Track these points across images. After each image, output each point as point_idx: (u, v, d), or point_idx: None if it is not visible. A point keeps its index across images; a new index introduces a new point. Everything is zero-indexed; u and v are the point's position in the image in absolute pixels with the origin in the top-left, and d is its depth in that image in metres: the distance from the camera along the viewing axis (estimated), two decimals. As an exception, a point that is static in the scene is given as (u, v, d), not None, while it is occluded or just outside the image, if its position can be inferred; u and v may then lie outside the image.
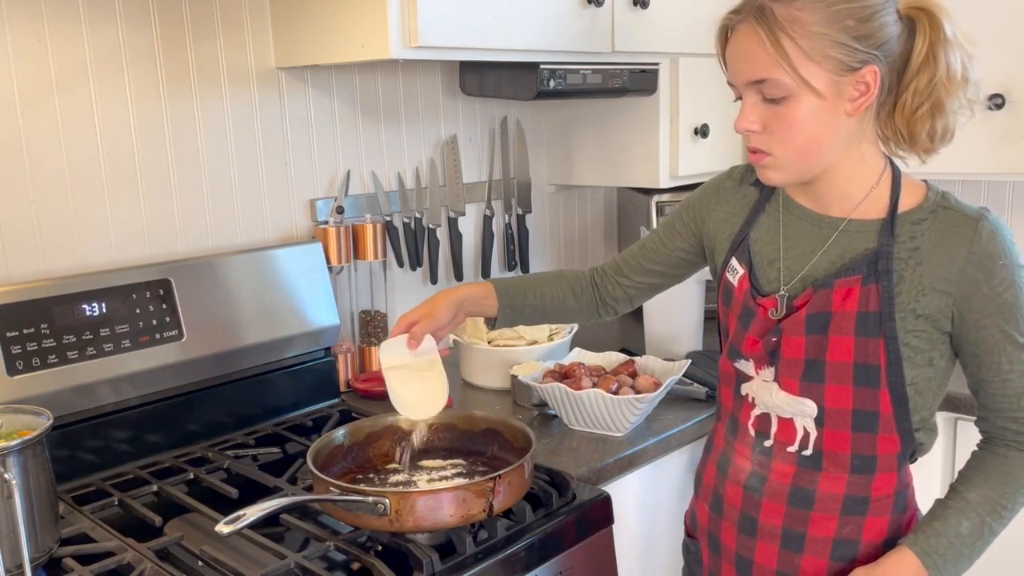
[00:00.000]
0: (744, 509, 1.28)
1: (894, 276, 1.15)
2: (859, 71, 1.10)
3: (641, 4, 1.92)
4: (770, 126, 1.14)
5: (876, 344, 1.15)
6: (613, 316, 1.53)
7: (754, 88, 1.14)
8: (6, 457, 1.13)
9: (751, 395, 1.28)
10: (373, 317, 1.99)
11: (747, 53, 1.13)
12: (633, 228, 2.50)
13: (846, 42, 1.08)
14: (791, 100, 1.12)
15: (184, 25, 1.67)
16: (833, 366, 1.18)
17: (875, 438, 1.19)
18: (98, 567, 1.20)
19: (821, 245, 1.22)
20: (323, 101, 1.90)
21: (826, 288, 1.18)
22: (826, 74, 1.10)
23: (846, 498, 1.22)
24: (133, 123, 1.62)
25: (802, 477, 1.23)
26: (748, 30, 1.13)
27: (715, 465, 1.34)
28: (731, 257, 1.31)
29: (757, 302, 1.25)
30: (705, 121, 2.15)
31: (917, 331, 1.15)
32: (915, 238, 1.15)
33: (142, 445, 1.57)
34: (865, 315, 1.15)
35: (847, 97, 1.12)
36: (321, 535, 1.27)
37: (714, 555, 1.35)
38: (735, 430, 1.31)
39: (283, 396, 1.77)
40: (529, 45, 1.73)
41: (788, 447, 1.24)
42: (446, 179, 2.15)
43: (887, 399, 1.17)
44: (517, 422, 1.41)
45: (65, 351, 1.46)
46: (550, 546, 1.32)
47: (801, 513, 1.23)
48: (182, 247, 1.71)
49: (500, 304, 1.44)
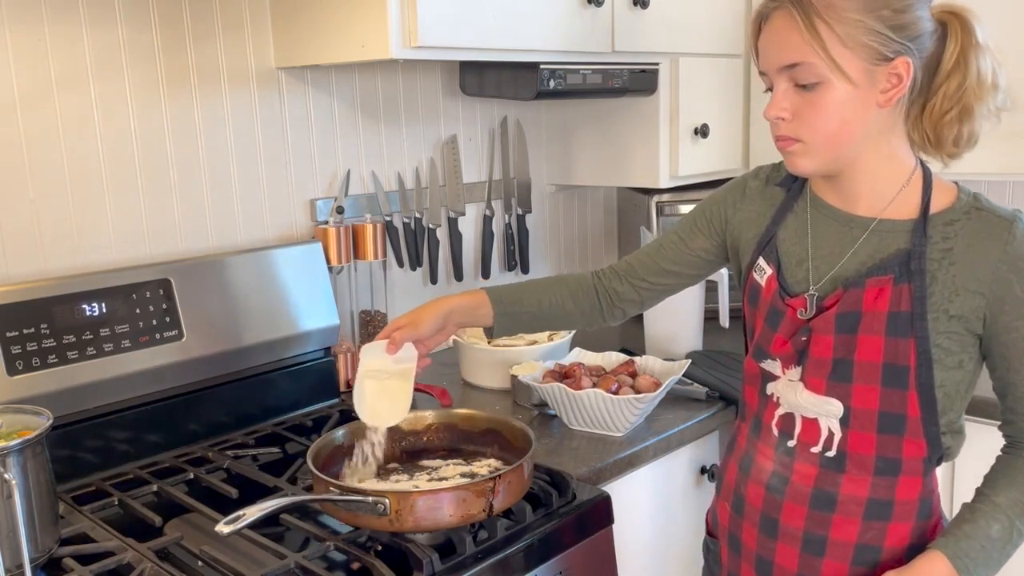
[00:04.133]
0: (765, 510, 1.27)
1: (927, 276, 1.14)
2: (892, 61, 1.10)
3: (641, 4, 1.92)
4: (800, 113, 1.14)
5: (907, 344, 1.15)
6: (620, 320, 1.49)
7: (786, 75, 1.14)
8: (6, 457, 1.13)
9: (776, 395, 1.26)
10: (373, 317, 1.99)
11: (782, 38, 1.14)
12: (633, 228, 2.50)
13: (881, 30, 1.09)
14: (823, 86, 1.12)
15: (184, 25, 1.67)
16: (862, 366, 1.17)
17: (901, 441, 1.18)
18: (98, 567, 1.19)
19: (851, 245, 1.21)
20: (323, 101, 1.91)
21: (857, 287, 1.17)
22: (860, 62, 1.10)
23: (869, 501, 1.20)
24: (133, 123, 1.62)
25: (824, 479, 1.22)
26: (784, 15, 1.13)
27: (737, 465, 1.33)
28: (758, 257, 1.30)
29: (786, 302, 1.24)
30: (705, 121, 2.15)
31: (949, 332, 1.14)
32: (948, 239, 1.15)
33: (142, 445, 1.57)
34: (896, 315, 1.15)
35: (879, 87, 1.12)
36: (321, 535, 1.27)
37: (734, 555, 1.33)
38: (758, 430, 1.30)
39: (283, 396, 1.77)
40: (529, 45, 1.73)
41: (811, 448, 1.23)
42: (446, 179, 2.15)
43: (915, 401, 1.16)
44: (517, 422, 1.41)
45: (65, 351, 1.46)
46: (550, 546, 1.32)
47: (823, 516, 1.22)
48: (182, 247, 1.71)
49: (495, 312, 1.41)
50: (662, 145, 2.12)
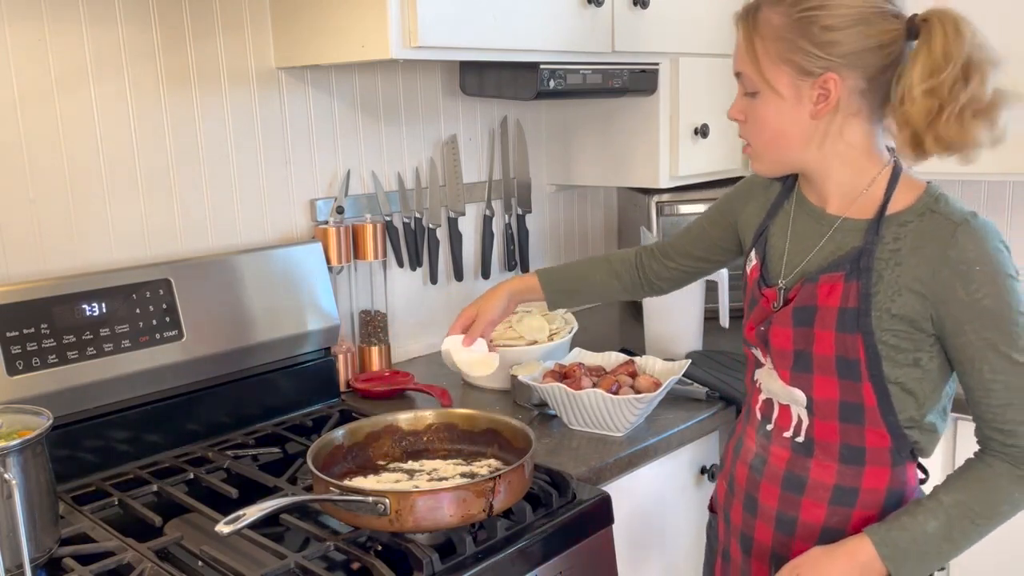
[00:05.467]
0: (748, 489, 1.34)
1: (873, 275, 1.17)
2: (820, 77, 1.16)
3: (641, 4, 1.92)
4: (747, 119, 1.26)
5: (855, 339, 1.18)
6: (659, 295, 1.64)
7: (739, 81, 1.25)
8: (6, 457, 1.13)
9: (760, 381, 1.33)
10: (373, 317, 1.99)
11: (736, 49, 1.25)
12: (633, 228, 2.50)
13: (807, 48, 1.15)
14: (760, 96, 1.21)
15: (184, 25, 1.67)
16: (819, 358, 1.22)
17: (863, 430, 1.22)
18: (98, 567, 1.20)
19: (819, 241, 1.26)
20: (323, 101, 1.90)
21: (812, 283, 1.22)
22: (786, 77, 1.18)
23: (835, 488, 1.24)
24: (133, 123, 1.62)
25: (795, 463, 1.28)
26: (739, 28, 1.24)
27: (732, 445, 1.40)
28: (752, 249, 1.37)
29: (762, 291, 1.31)
30: (705, 121, 2.15)
31: (894, 330, 1.17)
32: (898, 239, 1.17)
33: (142, 445, 1.57)
34: (844, 311, 1.19)
35: (808, 100, 1.18)
36: (321, 535, 1.27)
37: (727, 530, 1.39)
38: (748, 413, 1.38)
39: (283, 396, 1.77)
40: (529, 45, 1.73)
41: (784, 432, 1.29)
42: (446, 179, 2.15)
43: (870, 391, 1.19)
44: (517, 422, 1.41)
45: (65, 351, 1.46)
46: (550, 546, 1.32)
47: (793, 498, 1.27)
48: (182, 247, 1.71)
49: (545, 291, 1.61)
50: (662, 145, 2.12)
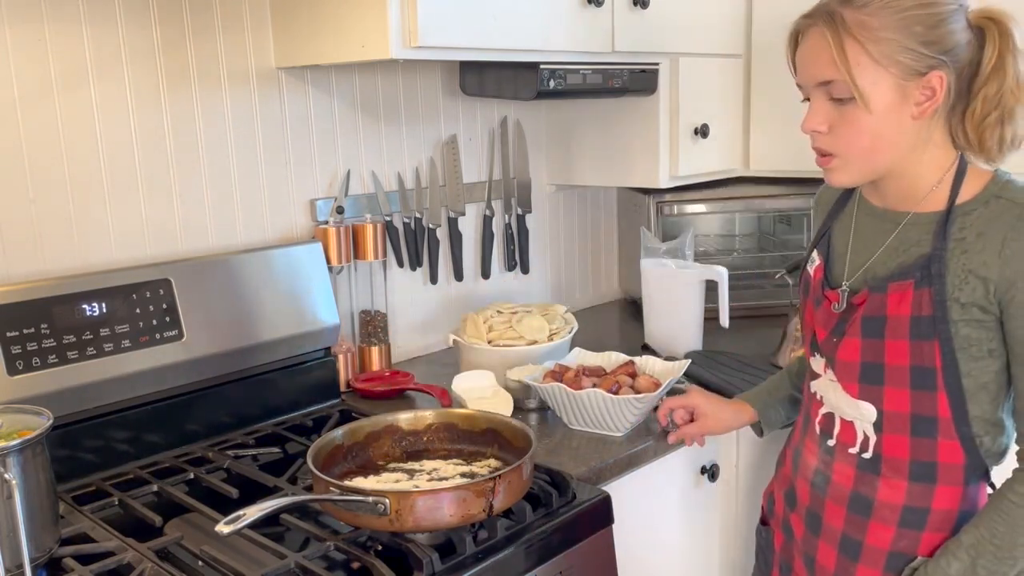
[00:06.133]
0: (811, 506, 1.31)
1: (945, 276, 1.15)
2: (926, 76, 1.12)
3: (641, 4, 1.92)
4: (836, 127, 1.18)
5: (931, 346, 1.16)
6: None
7: (822, 89, 1.17)
8: (6, 457, 1.13)
9: (819, 393, 1.30)
10: (373, 317, 1.99)
11: (816, 56, 1.17)
12: (633, 228, 2.50)
13: (914, 47, 1.11)
14: (855, 101, 1.14)
15: (184, 25, 1.67)
16: (892, 369, 1.19)
17: (935, 444, 1.18)
18: (98, 567, 1.20)
19: (885, 239, 1.24)
20: (323, 101, 1.90)
21: (881, 292, 1.20)
22: (892, 78, 1.12)
23: (905, 508, 1.21)
24: (133, 123, 1.62)
25: (862, 481, 1.24)
26: (817, 34, 1.16)
27: (791, 456, 1.38)
28: (813, 250, 1.35)
29: (824, 293, 1.28)
30: (705, 121, 2.15)
31: (966, 320, 1.15)
32: (963, 229, 1.16)
33: (142, 445, 1.57)
34: (918, 319, 1.16)
35: (913, 101, 1.14)
36: (321, 535, 1.27)
37: (788, 543, 1.37)
38: (807, 425, 1.35)
39: (283, 396, 1.77)
40: (529, 45, 1.73)
41: (849, 448, 1.25)
42: (446, 179, 2.15)
43: (944, 402, 1.17)
44: (517, 422, 1.41)
45: (65, 351, 1.46)
46: (550, 546, 1.32)
47: (860, 520, 1.24)
48: (182, 247, 1.71)
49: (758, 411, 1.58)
50: (662, 145, 2.12)
